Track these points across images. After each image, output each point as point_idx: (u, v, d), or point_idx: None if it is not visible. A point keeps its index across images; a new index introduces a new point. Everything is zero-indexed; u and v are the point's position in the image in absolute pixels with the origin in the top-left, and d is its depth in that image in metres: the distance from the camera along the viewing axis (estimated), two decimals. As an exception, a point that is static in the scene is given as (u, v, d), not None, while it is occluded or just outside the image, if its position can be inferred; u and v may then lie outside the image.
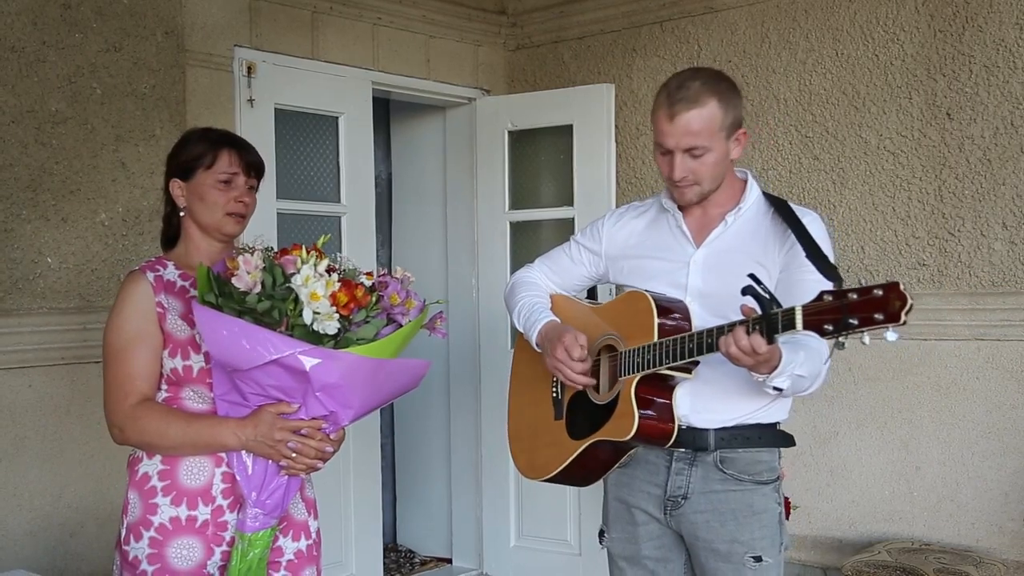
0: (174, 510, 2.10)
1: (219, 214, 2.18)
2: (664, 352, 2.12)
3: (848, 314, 1.80)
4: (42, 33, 3.17)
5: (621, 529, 2.39)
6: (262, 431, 2.03)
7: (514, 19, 4.65)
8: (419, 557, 4.97)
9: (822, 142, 3.86)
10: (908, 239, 3.69)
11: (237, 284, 1.92)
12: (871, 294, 1.78)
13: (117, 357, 2.12)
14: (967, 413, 3.60)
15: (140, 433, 2.10)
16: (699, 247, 2.29)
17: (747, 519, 2.24)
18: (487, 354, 4.56)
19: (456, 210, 4.73)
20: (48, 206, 3.19)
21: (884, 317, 1.77)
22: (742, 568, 2.24)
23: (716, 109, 2.19)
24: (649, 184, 4.19)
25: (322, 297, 1.91)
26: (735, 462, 2.25)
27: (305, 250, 1.97)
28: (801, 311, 1.86)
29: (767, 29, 3.97)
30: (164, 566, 2.09)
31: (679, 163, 2.21)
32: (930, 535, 3.64)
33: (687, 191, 2.25)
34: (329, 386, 1.97)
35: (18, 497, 3.11)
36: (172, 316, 2.12)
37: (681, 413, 2.21)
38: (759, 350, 1.93)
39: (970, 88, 3.56)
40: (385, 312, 2.04)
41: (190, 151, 2.21)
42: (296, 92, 3.93)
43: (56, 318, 3.19)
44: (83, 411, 3.24)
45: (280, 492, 2.10)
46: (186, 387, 2.12)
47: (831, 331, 1.82)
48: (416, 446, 5.03)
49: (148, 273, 2.16)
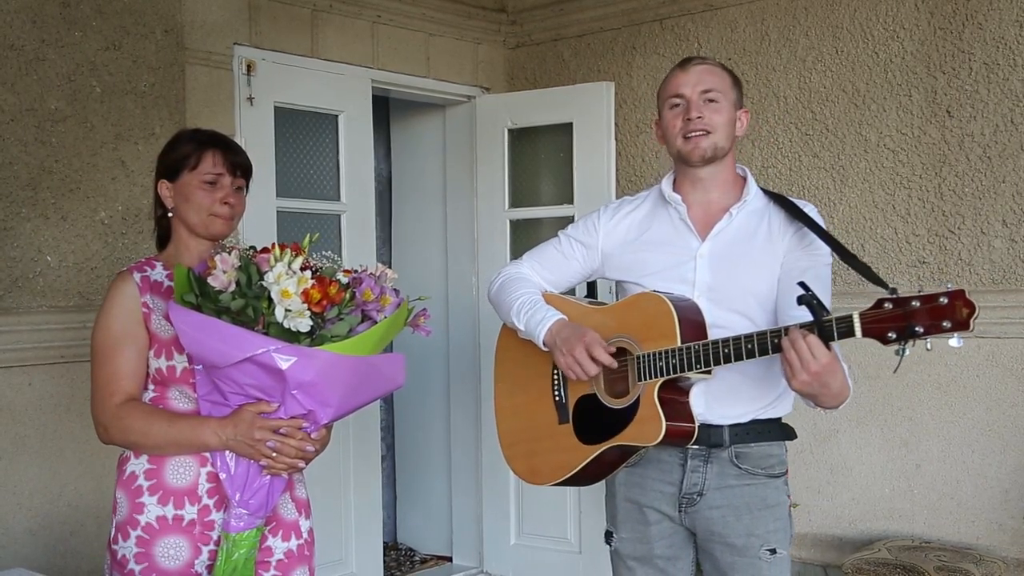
0: (161, 509, 2.10)
1: (204, 215, 2.17)
2: (693, 356, 2.08)
3: (912, 322, 1.79)
4: (41, 31, 3.17)
5: (632, 529, 2.35)
6: (242, 430, 2.02)
7: (514, 17, 4.65)
8: (419, 555, 4.96)
9: (822, 140, 3.86)
10: (908, 237, 3.69)
11: (213, 283, 1.92)
12: (936, 301, 1.78)
13: (103, 356, 2.12)
14: (967, 411, 3.60)
15: (124, 432, 2.10)
16: (704, 240, 2.27)
17: (762, 512, 2.25)
18: (487, 352, 4.55)
19: (456, 208, 4.72)
20: (48, 204, 3.19)
21: (952, 325, 1.77)
22: (758, 561, 2.23)
23: (725, 75, 2.29)
24: (649, 182, 4.19)
25: (293, 295, 1.90)
26: (749, 456, 2.25)
27: (279, 248, 1.95)
28: (859, 318, 1.84)
29: (767, 27, 3.97)
30: (151, 565, 2.09)
31: (696, 104, 2.23)
32: (930, 533, 3.64)
33: (702, 140, 2.23)
34: (305, 384, 1.95)
35: (18, 495, 3.11)
36: (157, 316, 2.12)
37: (696, 412, 2.19)
38: (819, 354, 1.89)
39: (970, 85, 3.56)
40: (359, 308, 2.01)
41: (177, 152, 2.21)
42: (296, 90, 3.93)
43: (56, 316, 3.19)
44: (83, 409, 3.22)
45: (263, 492, 2.08)
46: (172, 387, 2.12)
47: (894, 339, 1.81)
48: (416, 444, 5.03)
49: (135, 274, 2.16)
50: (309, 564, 2.27)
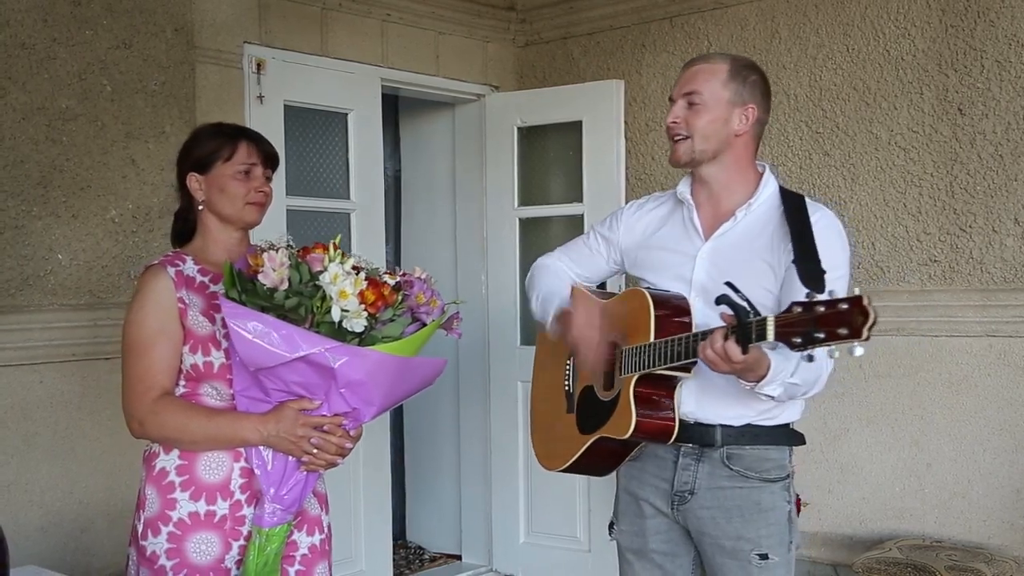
0: (193, 505, 2.11)
1: (240, 204, 2.20)
2: (659, 353, 2.12)
3: (815, 327, 1.75)
4: (52, 30, 3.17)
5: (630, 522, 2.38)
6: (284, 427, 2.05)
7: (523, 15, 4.65)
8: (428, 553, 4.97)
9: (832, 138, 3.84)
10: (919, 235, 3.68)
11: (263, 281, 1.94)
12: (836, 307, 1.74)
13: (138, 351, 2.13)
14: (978, 410, 3.58)
15: (161, 427, 2.11)
16: (707, 240, 2.28)
17: (753, 516, 2.23)
18: (496, 350, 4.56)
19: (465, 207, 4.72)
20: (59, 203, 3.20)
21: (848, 332, 1.72)
22: (748, 566, 2.22)
23: (724, 72, 2.24)
24: (659, 180, 4.18)
25: (351, 295, 1.94)
26: (742, 459, 2.24)
27: (332, 248, 1.99)
28: (773, 322, 1.82)
29: (777, 24, 3.96)
30: (183, 561, 2.10)
31: (675, 108, 2.25)
32: (941, 532, 3.63)
33: (679, 146, 2.26)
34: (354, 383, 1.99)
35: (29, 493, 3.12)
36: (193, 312, 2.13)
37: (687, 410, 2.21)
38: (734, 357, 1.91)
39: (982, 83, 3.54)
40: (410, 311, 2.07)
41: (206, 145, 2.23)
42: (305, 89, 3.93)
43: (67, 314, 3.20)
44: (94, 407, 3.25)
45: (299, 488, 2.11)
46: (205, 383, 2.13)
47: (799, 344, 1.78)
48: (425, 442, 5.03)
49: (169, 268, 2.16)
50: (328, 559, 2.30)
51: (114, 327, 3.23)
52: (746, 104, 2.24)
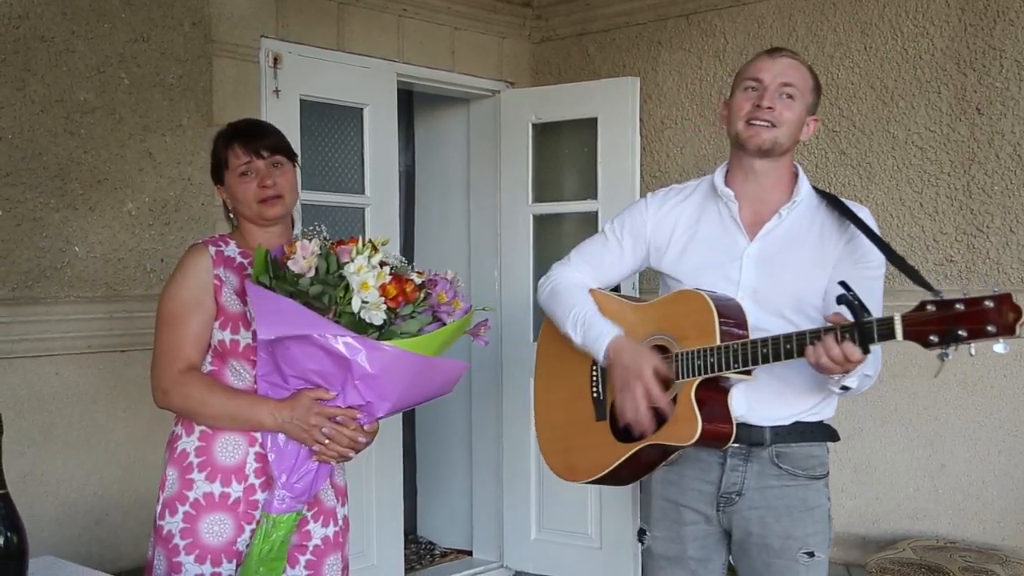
0: (208, 486, 2.15)
1: (253, 205, 2.23)
2: (731, 356, 2.05)
3: (955, 325, 1.77)
4: (71, 23, 3.18)
5: (667, 528, 2.32)
6: (299, 414, 2.07)
7: (539, 11, 4.64)
8: (439, 549, 4.97)
9: (849, 136, 3.83)
10: (936, 235, 3.66)
11: (292, 267, 1.98)
12: (981, 305, 1.75)
13: (171, 322, 2.18)
14: (994, 410, 3.57)
15: (184, 398, 2.15)
16: (752, 240, 2.23)
17: (801, 515, 2.21)
18: (509, 347, 4.56)
19: (479, 203, 4.72)
20: (76, 195, 3.21)
21: (997, 330, 1.74)
22: (795, 564, 2.20)
23: (811, 79, 2.26)
24: (674, 178, 4.17)
25: (372, 287, 1.96)
26: (790, 457, 2.21)
27: (362, 242, 2.02)
28: (901, 321, 1.83)
29: (794, 23, 3.94)
30: (196, 541, 2.14)
31: (771, 94, 2.18)
32: (955, 533, 3.62)
33: (764, 131, 2.19)
34: (369, 376, 2.01)
35: (45, 484, 3.14)
36: (227, 290, 2.18)
37: (738, 413, 2.15)
38: (854, 358, 1.90)
39: (1000, 83, 3.52)
40: (431, 309, 2.08)
41: (214, 157, 2.30)
42: (321, 83, 3.93)
43: (83, 307, 3.21)
44: (109, 399, 3.26)
45: (310, 477, 2.13)
46: (230, 361, 2.17)
47: (936, 342, 1.79)
48: (437, 438, 5.04)
49: (210, 247, 2.22)
50: (342, 551, 2.31)
51: (130, 320, 3.26)
52: (814, 116, 2.27)
